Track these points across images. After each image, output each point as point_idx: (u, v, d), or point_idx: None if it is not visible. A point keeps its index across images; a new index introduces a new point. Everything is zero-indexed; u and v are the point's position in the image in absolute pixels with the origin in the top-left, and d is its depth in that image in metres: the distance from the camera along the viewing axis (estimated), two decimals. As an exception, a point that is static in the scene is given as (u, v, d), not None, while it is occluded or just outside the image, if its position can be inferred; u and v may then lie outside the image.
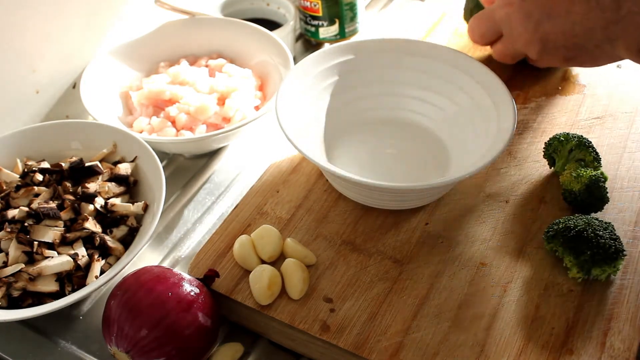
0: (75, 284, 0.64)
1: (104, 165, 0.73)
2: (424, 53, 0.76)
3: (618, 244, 0.61)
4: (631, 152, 0.75)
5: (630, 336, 0.58)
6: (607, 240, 0.61)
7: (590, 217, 0.63)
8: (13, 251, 0.64)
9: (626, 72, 0.85)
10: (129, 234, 0.68)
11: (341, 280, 0.64)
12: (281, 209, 0.70)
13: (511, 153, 0.75)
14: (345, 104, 0.76)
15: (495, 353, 0.58)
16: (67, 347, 0.65)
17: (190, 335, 0.57)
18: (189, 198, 0.80)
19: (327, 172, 0.65)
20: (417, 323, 0.60)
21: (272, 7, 0.99)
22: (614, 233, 0.62)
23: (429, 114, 0.76)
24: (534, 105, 0.82)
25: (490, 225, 0.68)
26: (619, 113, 0.80)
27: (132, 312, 0.57)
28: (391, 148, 0.76)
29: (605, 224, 0.63)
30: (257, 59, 0.89)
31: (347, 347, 0.58)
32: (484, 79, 0.72)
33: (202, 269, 0.65)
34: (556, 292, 0.62)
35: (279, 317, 0.61)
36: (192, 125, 0.80)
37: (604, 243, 0.61)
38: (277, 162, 0.75)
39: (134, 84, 0.86)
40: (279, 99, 0.69)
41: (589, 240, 0.61)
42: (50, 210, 0.66)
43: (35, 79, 0.81)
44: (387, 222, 0.69)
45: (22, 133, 0.75)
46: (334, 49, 0.76)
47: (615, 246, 0.61)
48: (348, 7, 0.94)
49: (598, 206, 0.67)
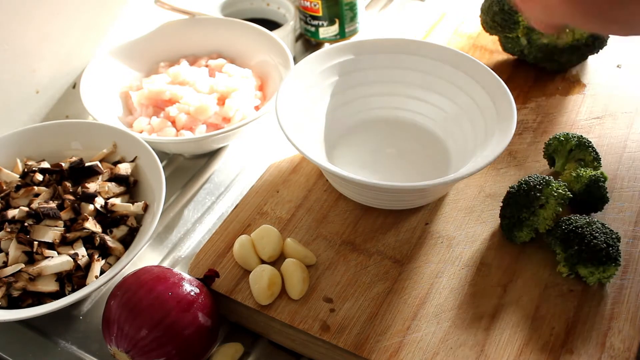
0: (75, 284, 0.64)
1: (104, 165, 0.73)
2: (424, 53, 0.75)
3: (612, 250, 0.60)
4: (631, 152, 0.75)
5: (630, 336, 0.59)
6: (600, 242, 0.60)
7: (596, 221, 0.63)
8: (13, 251, 0.64)
9: (626, 72, 0.85)
10: (129, 234, 0.68)
11: (341, 280, 0.64)
12: (281, 209, 0.70)
13: (511, 153, 0.75)
14: (345, 104, 0.76)
15: (495, 353, 0.58)
16: (67, 347, 0.65)
17: (190, 335, 0.57)
18: (189, 198, 0.80)
19: (327, 172, 0.65)
20: (417, 323, 0.60)
21: (272, 7, 0.99)
22: (614, 240, 0.61)
23: (429, 114, 0.76)
24: (534, 105, 0.82)
25: (490, 225, 0.68)
26: (619, 113, 0.80)
27: (132, 312, 0.57)
28: (391, 148, 0.76)
29: (611, 231, 0.62)
30: (257, 59, 0.89)
31: (347, 347, 0.58)
32: (484, 79, 0.72)
33: (202, 269, 0.65)
34: (556, 292, 0.62)
35: (279, 317, 0.61)
36: (192, 125, 0.80)
37: (595, 244, 0.60)
38: (277, 162, 0.75)
39: (134, 84, 0.86)
40: (279, 99, 0.69)
41: (582, 237, 0.61)
42: (50, 210, 0.66)
43: (35, 79, 0.81)
44: (387, 222, 0.69)
45: (22, 133, 0.75)
46: (334, 49, 0.76)
47: (606, 250, 0.60)
48: (348, 7, 0.94)
49: (598, 206, 0.67)
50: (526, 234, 0.64)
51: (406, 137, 0.76)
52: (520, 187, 0.65)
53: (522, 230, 0.64)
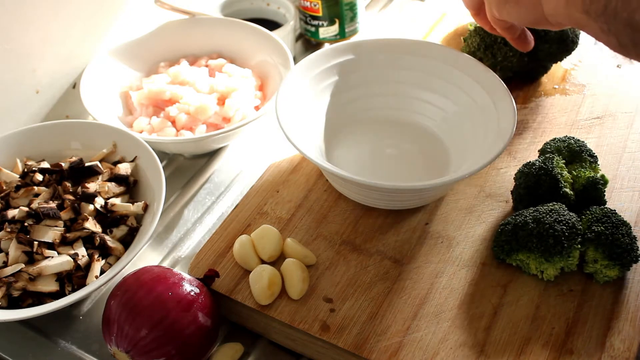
0: (75, 284, 0.64)
1: (104, 165, 0.73)
2: (424, 53, 0.75)
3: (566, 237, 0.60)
4: (631, 152, 0.75)
5: (630, 336, 0.59)
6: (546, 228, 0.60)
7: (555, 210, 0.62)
8: (13, 251, 0.64)
9: (626, 72, 0.85)
10: (129, 234, 0.68)
11: (341, 280, 0.64)
12: (281, 209, 0.70)
13: (511, 153, 0.75)
14: (345, 104, 0.76)
15: (495, 353, 0.58)
16: (67, 347, 0.65)
17: (190, 335, 0.57)
18: (189, 198, 0.80)
19: (327, 172, 0.65)
20: (417, 323, 0.60)
21: (272, 7, 0.99)
22: (568, 223, 0.61)
23: (428, 114, 0.76)
24: (533, 105, 0.82)
25: (490, 225, 0.68)
26: (619, 113, 0.80)
27: (132, 312, 0.57)
28: (391, 148, 0.76)
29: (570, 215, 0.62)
30: (257, 59, 0.89)
31: (347, 347, 0.58)
32: (484, 79, 0.72)
33: (202, 269, 0.65)
34: (556, 292, 0.62)
35: (279, 317, 0.61)
36: (192, 125, 0.80)
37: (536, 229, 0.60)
38: (277, 162, 0.75)
39: (134, 84, 0.86)
40: (279, 99, 0.69)
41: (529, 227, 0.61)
42: (50, 210, 0.66)
43: (35, 79, 0.81)
44: (387, 222, 0.69)
45: (22, 133, 0.75)
46: (334, 49, 0.76)
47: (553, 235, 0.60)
48: (348, 7, 0.94)
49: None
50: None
51: (406, 137, 0.76)
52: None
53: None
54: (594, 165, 0.69)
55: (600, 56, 0.88)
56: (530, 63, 0.81)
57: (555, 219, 0.61)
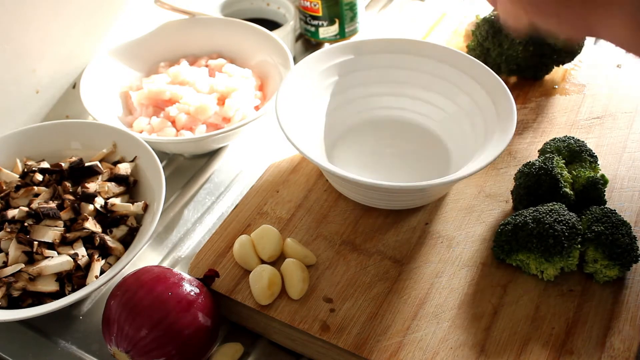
0: (75, 284, 0.64)
1: (104, 165, 0.73)
2: (424, 53, 0.75)
3: (565, 237, 0.60)
4: (631, 152, 0.75)
5: (630, 336, 0.59)
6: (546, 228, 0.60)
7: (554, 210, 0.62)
8: (13, 251, 0.64)
9: (626, 72, 0.85)
10: (129, 234, 0.68)
11: (341, 280, 0.64)
12: (281, 209, 0.70)
13: (511, 153, 0.75)
14: (345, 103, 0.76)
15: (495, 353, 0.58)
16: (67, 347, 0.65)
17: (190, 335, 0.57)
18: (189, 198, 0.80)
19: (327, 172, 0.65)
20: (417, 323, 0.60)
21: (272, 7, 0.99)
22: (567, 224, 0.61)
23: (429, 114, 0.76)
24: (534, 105, 0.82)
25: (490, 225, 0.68)
26: (619, 113, 0.80)
27: (132, 312, 0.57)
28: (391, 148, 0.76)
29: (570, 215, 0.62)
30: (257, 59, 0.89)
31: (347, 347, 0.58)
32: (484, 79, 0.72)
33: (202, 269, 0.65)
34: (556, 292, 0.62)
35: (279, 317, 0.61)
36: (192, 125, 0.80)
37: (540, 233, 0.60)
38: (277, 162, 0.75)
39: (134, 84, 0.86)
40: (279, 99, 0.69)
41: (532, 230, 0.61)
42: (50, 210, 0.66)
43: (35, 79, 0.81)
44: (387, 222, 0.69)
45: (22, 133, 0.75)
46: (334, 49, 0.76)
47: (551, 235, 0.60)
48: (348, 7, 0.94)
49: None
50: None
51: (406, 137, 0.76)
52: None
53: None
54: (594, 165, 0.69)
55: (600, 56, 0.88)
56: (534, 57, 0.81)
57: (555, 219, 0.61)
